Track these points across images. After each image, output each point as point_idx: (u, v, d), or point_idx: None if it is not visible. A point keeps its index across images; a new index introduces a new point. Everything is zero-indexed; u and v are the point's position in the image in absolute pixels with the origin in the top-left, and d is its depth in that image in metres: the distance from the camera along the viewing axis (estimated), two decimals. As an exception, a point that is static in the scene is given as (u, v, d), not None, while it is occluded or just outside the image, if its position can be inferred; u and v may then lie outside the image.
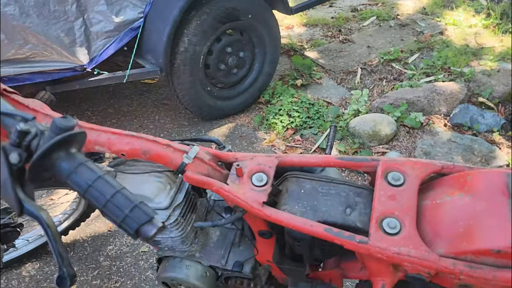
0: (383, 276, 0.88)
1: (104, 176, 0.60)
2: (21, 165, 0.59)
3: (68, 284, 0.60)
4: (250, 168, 0.94)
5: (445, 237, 0.81)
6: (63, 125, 0.58)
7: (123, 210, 0.59)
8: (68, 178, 0.60)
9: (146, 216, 0.59)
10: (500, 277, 0.76)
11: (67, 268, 0.60)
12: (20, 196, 0.59)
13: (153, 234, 0.59)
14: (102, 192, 0.59)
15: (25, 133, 0.58)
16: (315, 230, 0.85)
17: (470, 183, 0.84)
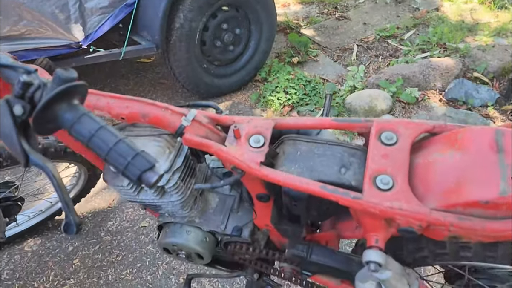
0: (377, 232, 0.91)
1: (106, 126, 0.62)
2: (25, 117, 0.61)
3: (74, 230, 0.62)
4: (247, 130, 0.96)
5: (436, 192, 0.84)
6: (65, 76, 0.59)
7: (125, 158, 0.61)
8: (71, 128, 0.62)
9: (148, 163, 0.61)
10: (488, 228, 0.79)
11: (73, 216, 0.63)
12: (25, 148, 0.61)
13: (154, 181, 0.61)
14: (105, 141, 0.61)
15: (28, 84, 0.60)
16: (311, 188, 0.88)
17: (460, 141, 0.87)
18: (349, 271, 1.11)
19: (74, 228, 0.62)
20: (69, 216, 0.63)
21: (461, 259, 1.06)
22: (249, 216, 1.22)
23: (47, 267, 1.98)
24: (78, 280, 1.92)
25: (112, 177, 1.09)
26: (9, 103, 0.60)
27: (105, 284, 1.91)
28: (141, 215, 2.24)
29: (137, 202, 1.16)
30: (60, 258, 2.02)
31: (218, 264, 1.42)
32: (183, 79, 2.95)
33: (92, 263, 2.00)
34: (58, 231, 2.15)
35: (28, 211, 2.08)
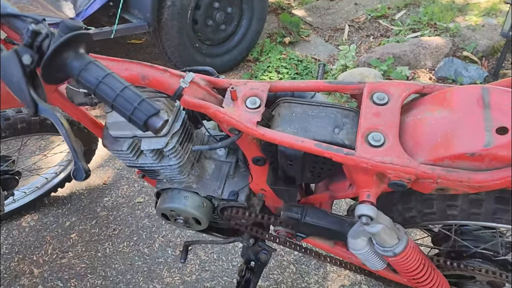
0: (369, 187, 0.95)
1: (113, 73, 0.65)
2: (33, 66, 0.63)
3: (83, 175, 0.65)
4: (244, 93, 0.99)
5: (425, 147, 0.88)
6: (72, 24, 0.62)
7: (132, 103, 0.64)
8: (79, 75, 0.65)
9: (153, 109, 0.64)
10: (474, 179, 0.83)
11: (82, 162, 0.66)
12: (34, 97, 0.63)
13: (160, 126, 0.64)
14: (112, 87, 0.64)
15: (36, 33, 0.62)
16: (306, 146, 0.92)
17: (449, 99, 0.91)
18: (342, 231, 1.15)
19: (83, 173, 0.65)
20: (77, 162, 0.65)
21: (447, 217, 1.11)
22: (244, 181, 1.25)
23: (45, 241, 2.01)
24: (77, 253, 1.96)
25: (111, 142, 1.12)
26: (18, 53, 0.62)
27: (103, 256, 1.94)
28: (136, 191, 2.27)
29: (136, 167, 1.18)
30: (57, 233, 2.05)
31: (214, 231, 1.46)
32: (175, 59, 2.96)
33: (90, 237, 2.03)
34: (55, 207, 2.18)
35: (25, 187, 2.10)
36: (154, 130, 0.65)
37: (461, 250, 1.31)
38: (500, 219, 1.06)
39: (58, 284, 1.84)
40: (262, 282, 1.80)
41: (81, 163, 0.65)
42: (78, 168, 0.65)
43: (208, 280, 1.82)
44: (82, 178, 0.65)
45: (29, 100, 0.63)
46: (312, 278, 1.82)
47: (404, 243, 1.01)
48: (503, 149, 0.81)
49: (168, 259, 1.92)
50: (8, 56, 0.63)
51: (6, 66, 0.62)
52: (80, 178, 0.65)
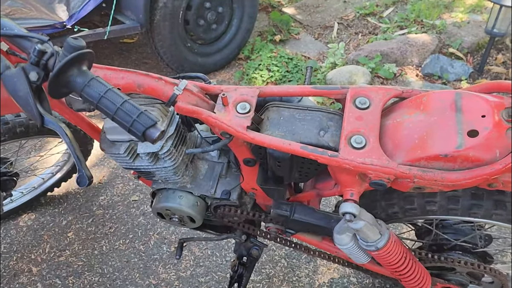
0: (352, 187, 1.02)
1: (113, 88, 0.71)
2: (40, 83, 0.68)
3: (86, 182, 0.71)
4: (234, 98, 1.05)
5: (403, 149, 0.95)
6: (76, 44, 0.67)
7: (131, 116, 0.69)
8: (82, 91, 0.70)
9: (151, 120, 0.70)
10: (447, 178, 0.90)
11: (85, 169, 0.71)
12: (40, 110, 0.69)
13: (157, 136, 0.70)
14: (113, 101, 0.70)
15: (42, 52, 0.67)
16: (293, 148, 0.98)
17: (425, 103, 0.98)
18: (329, 227, 1.22)
19: (87, 180, 0.71)
20: (81, 170, 0.71)
21: (427, 213, 1.18)
22: (236, 181, 1.32)
23: (42, 240, 2.06)
24: (74, 251, 2.01)
25: (109, 146, 1.17)
26: (25, 70, 0.67)
27: (99, 254, 2.00)
28: (131, 189, 2.32)
29: (132, 169, 1.24)
30: (54, 232, 2.10)
31: (208, 228, 1.52)
32: (167, 58, 3.00)
33: (86, 235, 2.08)
34: (51, 206, 2.23)
35: (22, 187, 2.14)
36: (152, 140, 0.70)
37: (442, 243, 1.39)
38: (476, 213, 1.13)
39: (56, 281, 1.89)
40: (254, 277, 1.87)
41: (85, 171, 0.71)
42: (82, 176, 0.71)
43: (203, 275, 1.89)
44: (86, 184, 0.71)
45: (36, 114, 0.68)
46: (303, 271, 1.89)
47: (386, 238, 1.08)
48: (474, 150, 0.88)
49: (163, 255, 1.98)
50: (15, 73, 0.68)
51: (14, 82, 0.68)
52: (84, 184, 0.71)
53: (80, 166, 0.71)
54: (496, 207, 1.10)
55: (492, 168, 0.86)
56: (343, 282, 1.85)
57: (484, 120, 0.89)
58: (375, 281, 1.84)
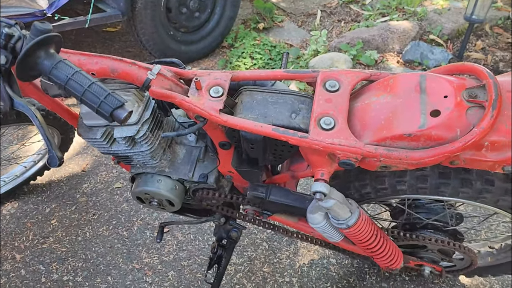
0: (322, 167, 1.05)
1: (81, 71, 0.72)
2: (8, 66, 0.70)
3: (57, 163, 0.73)
4: (207, 82, 1.08)
5: (370, 129, 0.98)
6: (42, 28, 0.69)
7: (99, 97, 0.71)
8: (50, 73, 0.72)
9: (118, 101, 0.72)
10: (411, 157, 0.94)
11: (56, 150, 0.73)
12: (10, 93, 0.70)
13: (124, 117, 0.72)
14: (80, 83, 0.71)
15: (10, 36, 0.69)
16: (264, 130, 1.01)
17: (391, 85, 1.01)
18: (304, 208, 1.25)
19: (57, 161, 0.73)
20: (51, 151, 0.73)
21: (398, 192, 1.22)
22: (213, 165, 1.34)
23: (26, 228, 2.07)
24: (57, 238, 2.03)
25: (86, 131, 1.19)
26: (-8, 54, 0.69)
27: (83, 240, 2.02)
28: (114, 177, 2.34)
29: (110, 153, 1.26)
30: (38, 219, 2.11)
31: (188, 212, 1.55)
32: (150, 47, 2.99)
33: (70, 222, 2.10)
34: (34, 194, 2.23)
35: (4, 176, 2.14)
36: (119, 121, 0.72)
37: (415, 222, 1.43)
38: (444, 192, 1.17)
39: (40, 268, 1.91)
40: (236, 259, 1.91)
41: (55, 152, 0.73)
42: (52, 156, 0.73)
43: (185, 259, 1.92)
44: (56, 165, 0.73)
45: (5, 96, 0.70)
46: (283, 254, 1.93)
47: (356, 216, 1.12)
48: (436, 129, 0.91)
49: (146, 240, 2.00)
50: (-17, 56, 0.69)
51: (-18, 65, 0.69)
52: (55, 165, 0.73)
53: (50, 147, 0.73)
54: (462, 185, 1.14)
55: (453, 146, 0.90)
56: (323, 263, 1.89)
57: (446, 101, 0.93)
58: (354, 262, 1.89)
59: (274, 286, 1.82)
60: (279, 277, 1.84)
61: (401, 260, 1.36)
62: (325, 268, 1.87)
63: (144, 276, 1.86)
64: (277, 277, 1.85)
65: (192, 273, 1.87)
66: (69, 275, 1.88)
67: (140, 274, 1.87)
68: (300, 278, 1.84)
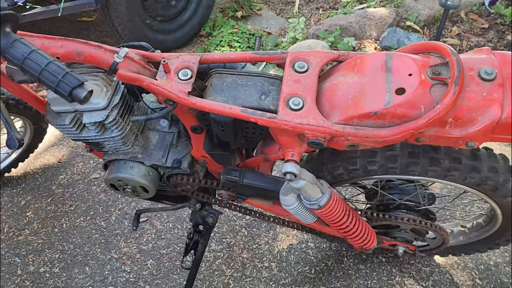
0: (292, 148, 1.05)
1: (38, 50, 0.71)
2: (-38, 46, 0.68)
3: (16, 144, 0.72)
4: (176, 65, 1.07)
5: (338, 109, 0.99)
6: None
7: (56, 76, 0.70)
8: (6, 52, 0.70)
9: (77, 80, 0.71)
10: (378, 135, 0.95)
11: (15, 132, 0.72)
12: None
13: (84, 96, 0.71)
14: (37, 62, 0.70)
15: (-38, 14, 0.67)
16: (233, 112, 1.01)
17: (359, 65, 1.02)
18: (278, 191, 1.26)
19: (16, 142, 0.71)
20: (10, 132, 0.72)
21: (369, 172, 1.23)
22: (187, 150, 1.34)
23: (0, 221, 2.04)
24: (33, 230, 2.00)
25: (54, 117, 1.17)
26: None
27: (60, 231, 1.99)
28: (91, 168, 2.31)
29: (80, 140, 1.24)
30: (13, 212, 2.08)
31: (163, 199, 1.55)
32: (126, 36, 2.95)
33: (46, 214, 2.07)
34: (9, 187, 2.19)
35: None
36: (79, 100, 0.71)
37: (388, 203, 1.46)
38: (413, 171, 1.19)
39: (15, 260, 1.88)
40: (215, 246, 1.92)
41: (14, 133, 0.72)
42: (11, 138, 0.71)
43: (164, 247, 1.92)
44: (15, 146, 0.72)
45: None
46: (262, 239, 1.95)
47: (327, 196, 1.14)
48: (401, 107, 0.92)
49: (124, 230, 1.99)
50: None
51: None
52: (14, 146, 0.72)
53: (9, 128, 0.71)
54: (431, 164, 1.16)
55: (417, 123, 0.91)
56: (301, 247, 1.91)
57: (410, 79, 0.94)
58: (332, 246, 1.91)
59: (253, 271, 1.83)
60: (258, 263, 1.86)
61: (374, 240, 1.38)
62: (304, 252, 1.89)
63: (123, 266, 1.85)
64: (256, 262, 1.86)
65: (171, 261, 1.86)
66: (45, 266, 1.86)
67: (118, 264, 1.86)
68: (279, 263, 1.85)
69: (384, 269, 1.81)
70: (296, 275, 1.81)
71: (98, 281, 1.80)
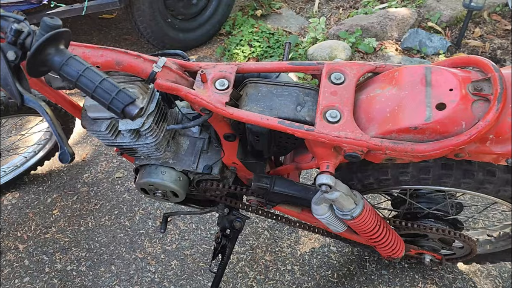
0: (328, 159, 1.06)
1: (92, 67, 0.72)
2: (18, 61, 0.70)
3: (69, 159, 0.73)
4: (213, 75, 1.07)
5: (375, 122, 0.99)
6: (52, 23, 0.68)
7: (110, 94, 0.71)
8: (60, 69, 0.72)
9: (130, 98, 0.72)
10: (417, 149, 0.95)
11: (67, 147, 0.74)
12: (20, 89, 0.70)
13: (136, 113, 0.72)
14: (91, 79, 0.71)
15: (19, 32, 0.69)
16: (270, 123, 1.01)
17: (397, 78, 1.01)
18: (307, 198, 1.27)
19: (69, 157, 0.73)
20: (63, 147, 0.73)
21: (400, 183, 1.23)
22: (217, 156, 1.35)
23: (28, 218, 2.08)
24: (60, 228, 2.04)
25: (90, 123, 1.19)
26: (2, 50, 0.68)
27: (85, 230, 2.03)
28: (115, 167, 2.34)
29: (115, 145, 1.26)
30: (40, 210, 2.12)
31: (191, 202, 1.56)
32: (148, 34, 2.97)
33: (72, 213, 2.10)
34: (35, 184, 2.24)
35: (4, 166, 2.14)
36: (131, 117, 0.73)
37: (416, 211, 1.45)
38: (446, 183, 1.19)
39: (43, 258, 1.92)
40: (238, 248, 1.93)
41: (67, 148, 0.73)
42: (64, 152, 0.73)
43: (188, 248, 1.94)
44: (68, 161, 0.73)
45: (15, 92, 0.70)
46: (285, 242, 1.96)
47: (360, 207, 1.14)
48: (441, 122, 0.92)
49: (149, 230, 2.02)
50: (-7, 53, 0.69)
51: (-8, 61, 0.69)
52: (66, 161, 0.73)
53: (61, 143, 0.73)
54: (464, 176, 1.16)
55: (458, 139, 0.91)
56: (323, 251, 1.92)
57: (451, 94, 0.93)
58: (354, 250, 1.92)
59: (276, 274, 1.84)
60: (281, 266, 1.87)
61: (403, 250, 1.38)
62: (326, 256, 1.90)
63: (148, 266, 1.88)
64: (279, 265, 1.87)
65: (195, 262, 1.89)
66: (72, 264, 1.89)
67: (143, 264, 1.89)
68: (302, 266, 1.86)
69: (407, 275, 1.81)
70: (318, 279, 1.82)
71: (124, 280, 1.83)
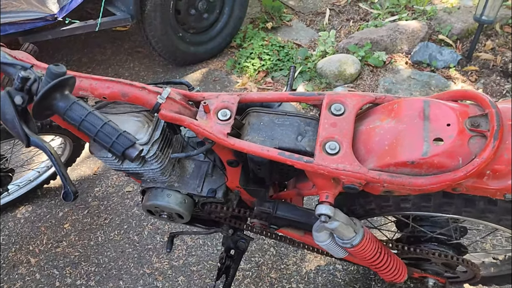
0: (327, 189, 1.07)
1: (94, 111, 0.76)
2: (24, 105, 0.73)
3: (72, 198, 0.76)
4: (215, 105, 1.10)
5: (374, 154, 1.01)
6: (57, 71, 0.72)
7: (111, 138, 0.75)
8: (64, 114, 0.75)
9: (129, 141, 0.75)
10: (414, 183, 0.96)
11: (70, 186, 0.77)
12: (26, 131, 0.74)
13: (135, 156, 0.75)
14: (93, 124, 0.75)
15: (26, 79, 0.72)
16: (271, 154, 1.03)
17: (396, 110, 1.03)
18: (310, 223, 1.28)
19: (72, 196, 0.76)
20: (66, 186, 0.76)
21: (402, 209, 1.24)
22: (222, 180, 1.37)
23: (40, 232, 2.13)
24: (70, 242, 2.08)
25: (98, 150, 1.23)
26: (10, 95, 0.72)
27: (95, 244, 2.07)
28: (125, 181, 2.38)
29: (121, 170, 1.30)
30: (51, 223, 2.17)
31: (197, 222, 1.59)
32: (160, 48, 3.02)
33: (82, 227, 2.15)
34: (48, 198, 2.29)
35: (18, 181, 2.20)
36: (131, 160, 0.76)
37: (419, 235, 1.46)
38: (447, 210, 1.19)
39: (54, 272, 1.97)
40: (244, 265, 1.95)
41: (70, 187, 0.77)
42: (67, 192, 0.76)
43: (195, 264, 1.97)
44: (71, 200, 0.77)
45: (22, 135, 0.74)
46: (290, 259, 1.97)
47: (360, 236, 1.15)
48: (438, 157, 0.93)
49: (157, 245, 2.05)
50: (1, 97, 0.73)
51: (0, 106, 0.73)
52: (69, 200, 0.77)
53: (65, 182, 0.76)
54: (465, 205, 1.16)
55: (455, 175, 0.91)
56: (329, 269, 1.93)
57: (449, 129, 0.94)
58: (360, 268, 1.92)
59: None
60: (286, 283, 1.88)
61: (405, 274, 1.38)
62: (331, 274, 1.91)
63: (155, 281, 1.91)
64: (284, 283, 1.89)
65: (201, 279, 1.91)
66: (82, 279, 1.94)
67: (150, 279, 1.92)
68: (307, 285, 1.88)
69: (413, 295, 1.81)
70: (323, 298, 1.83)
71: (131, 296, 1.87)
